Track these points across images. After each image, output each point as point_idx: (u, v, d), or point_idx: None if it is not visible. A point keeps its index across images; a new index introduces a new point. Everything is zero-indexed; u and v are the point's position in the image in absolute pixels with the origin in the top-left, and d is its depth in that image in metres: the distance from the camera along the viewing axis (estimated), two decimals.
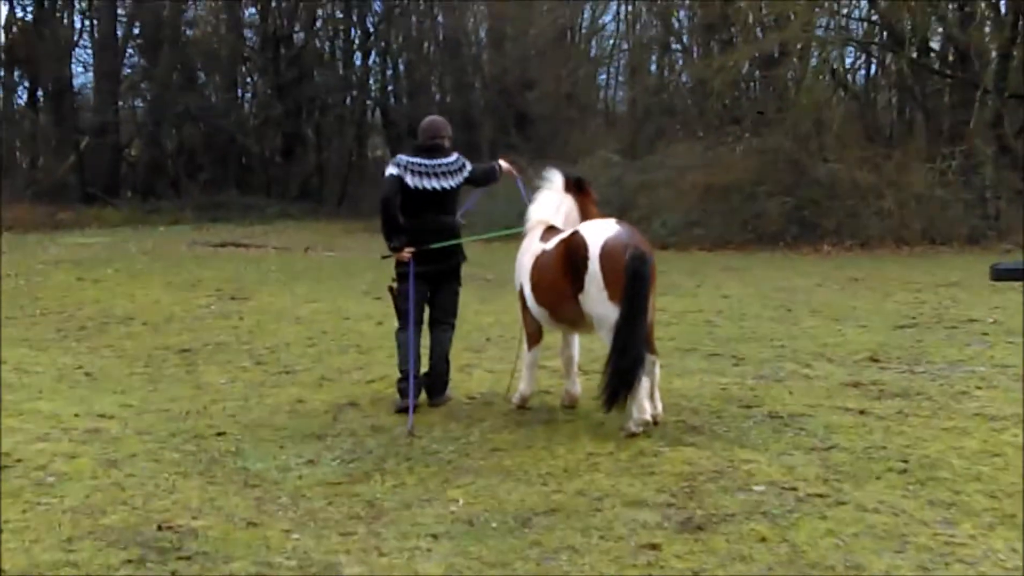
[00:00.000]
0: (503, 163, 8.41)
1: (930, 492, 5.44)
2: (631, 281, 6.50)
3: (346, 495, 5.78)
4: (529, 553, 4.84)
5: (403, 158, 7.82)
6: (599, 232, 6.78)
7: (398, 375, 7.80)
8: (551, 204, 7.71)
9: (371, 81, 41.92)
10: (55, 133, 37.26)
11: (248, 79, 42.04)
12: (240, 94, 41.66)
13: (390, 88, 41.84)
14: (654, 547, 4.81)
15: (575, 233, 6.94)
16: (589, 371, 8.12)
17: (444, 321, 7.98)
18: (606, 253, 6.64)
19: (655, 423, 6.80)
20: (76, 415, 7.55)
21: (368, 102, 41.72)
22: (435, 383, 7.90)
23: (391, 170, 7.76)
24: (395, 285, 7.97)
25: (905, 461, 5.95)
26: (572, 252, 6.85)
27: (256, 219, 31.01)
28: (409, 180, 7.68)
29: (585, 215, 7.63)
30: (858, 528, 4.92)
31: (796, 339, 10.17)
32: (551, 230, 7.48)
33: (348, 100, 41.40)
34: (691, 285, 14.64)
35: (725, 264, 17.55)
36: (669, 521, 5.13)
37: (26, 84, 39.26)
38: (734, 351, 9.57)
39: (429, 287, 7.89)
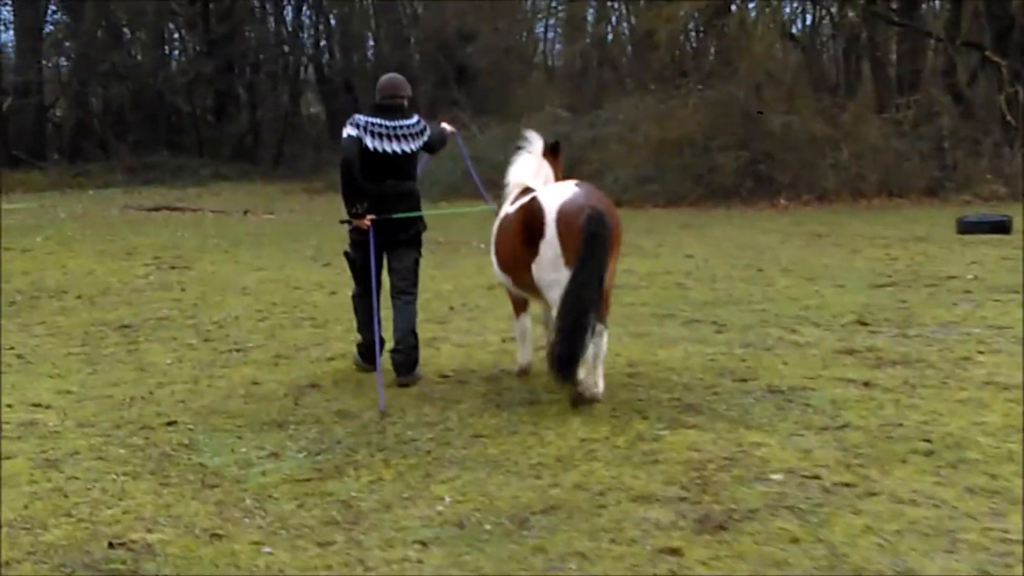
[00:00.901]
0: (445, 125, 8.05)
1: (964, 477, 4.97)
2: (587, 242, 6.16)
3: (318, 495, 5.18)
4: (533, 561, 4.30)
5: (361, 118, 7.38)
6: (555, 196, 6.48)
7: (358, 339, 7.53)
8: (530, 167, 7.37)
9: (304, 36, 40.72)
10: None
11: (176, 35, 40.64)
12: (168, 51, 40.25)
13: (323, 43, 40.66)
14: (674, 552, 4.28)
15: (532, 199, 6.63)
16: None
17: (406, 292, 7.53)
18: (562, 217, 6.33)
19: (591, 400, 6.41)
20: (9, 406, 6.83)
21: (302, 58, 40.52)
22: (404, 360, 7.37)
23: (349, 131, 7.32)
24: (350, 251, 7.60)
25: (928, 440, 5.49)
26: (529, 218, 6.54)
27: (189, 181, 29.94)
28: (368, 142, 7.27)
29: (556, 180, 7.31)
30: (899, 524, 4.43)
31: (774, 301, 9.71)
32: (526, 192, 7.07)
33: (281, 57, 40.20)
34: (651, 245, 14.15)
35: (682, 221, 17.08)
36: (684, 519, 4.61)
37: None
38: (713, 316, 9.08)
39: (388, 254, 7.53)
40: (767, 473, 5.11)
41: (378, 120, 7.33)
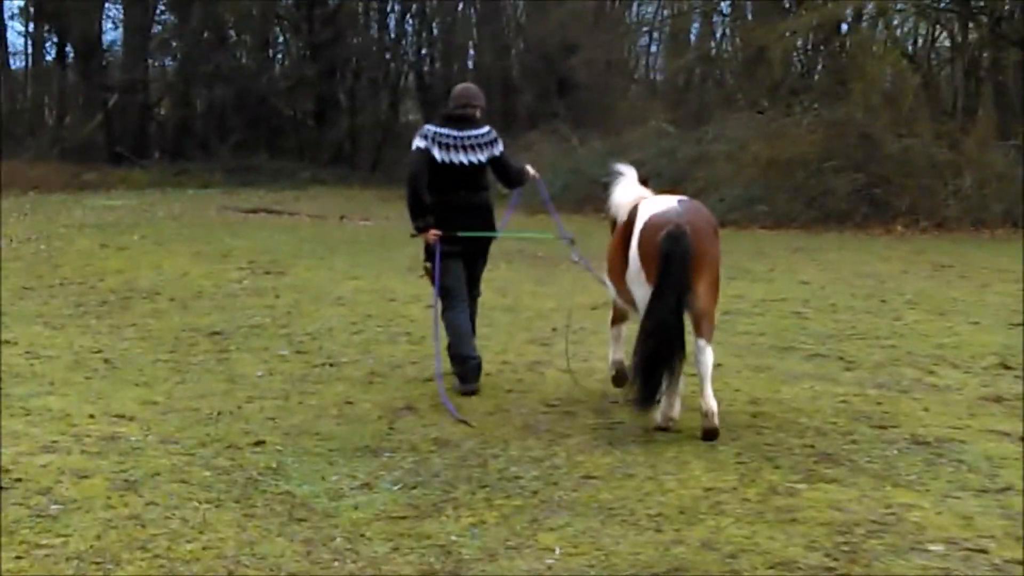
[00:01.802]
0: (528, 167, 7.81)
1: None
2: (662, 261, 5.91)
3: (414, 536, 4.69)
4: None
5: (431, 128, 7.29)
6: (651, 208, 6.27)
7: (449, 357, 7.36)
8: (635, 188, 6.99)
9: (406, 44, 40.63)
10: (83, 90, 36.21)
11: (280, 39, 40.84)
12: (272, 55, 40.46)
13: (424, 52, 40.53)
14: None
15: (634, 207, 6.46)
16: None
17: (469, 295, 7.55)
18: (646, 230, 6.11)
19: (710, 433, 6.00)
20: (91, 416, 6.48)
21: (403, 66, 40.43)
22: (467, 367, 7.27)
23: (418, 142, 7.25)
24: (428, 266, 7.46)
25: None
26: (627, 228, 6.38)
27: (287, 184, 29.84)
28: (437, 154, 7.19)
29: None
30: None
31: (904, 337, 8.98)
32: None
33: (382, 64, 40.15)
34: (763, 269, 13.44)
35: (793, 244, 16.29)
36: None
37: (54, 40, 38.19)
38: (838, 351, 8.39)
39: (465, 264, 7.44)
40: (924, 543, 4.47)
41: (446, 131, 7.23)
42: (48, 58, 38.87)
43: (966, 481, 5.25)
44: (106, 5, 37.33)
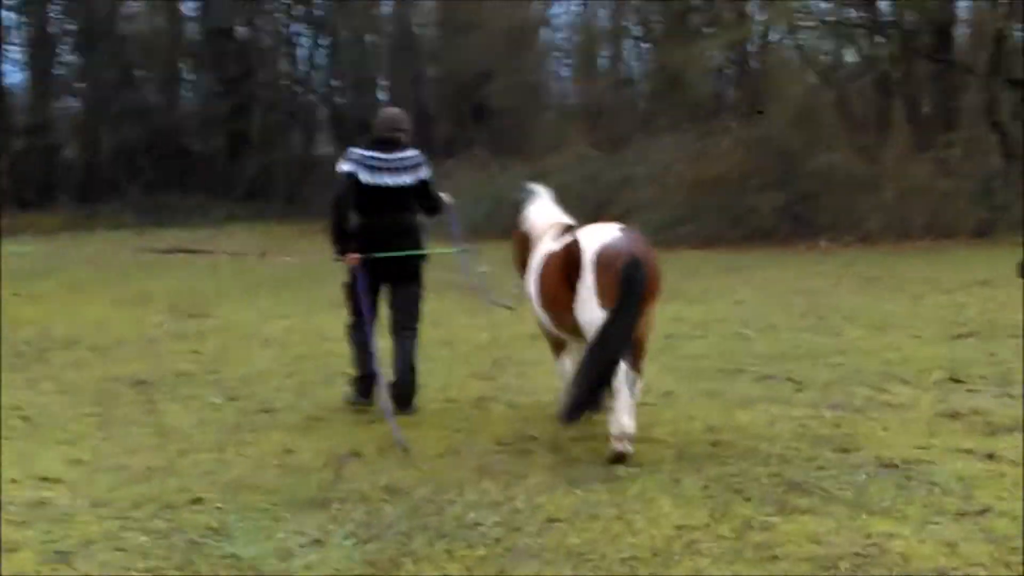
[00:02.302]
0: (444, 195, 7.89)
1: None
2: (624, 286, 6.08)
3: None
4: None
5: (357, 151, 7.43)
6: (596, 238, 6.37)
7: (354, 374, 7.60)
8: (553, 209, 7.38)
9: (314, 77, 40.19)
10: None
11: (189, 76, 40.11)
12: (179, 92, 39.70)
13: (335, 84, 40.10)
14: None
15: (574, 239, 6.50)
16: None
17: (407, 327, 7.55)
18: (601, 259, 6.22)
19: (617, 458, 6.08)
20: (13, 480, 6.03)
21: (316, 99, 39.98)
22: (403, 393, 7.44)
23: (344, 167, 7.39)
24: (348, 281, 7.58)
25: None
26: (568, 257, 6.44)
27: (202, 222, 29.19)
28: (364, 176, 7.33)
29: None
30: None
31: (848, 354, 8.89)
32: (568, 229, 6.98)
33: (294, 97, 39.65)
34: (697, 290, 13.34)
35: (723, 264, 16.26)
36: None
37: None
38: (787, 372, 8.26)
39: (387, 288, 7.56)
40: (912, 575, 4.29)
41: (373, 153, 7.37)
42: None
43: (942, 505, 5.09)
44: (6, 47, 36.33)
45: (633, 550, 4.72)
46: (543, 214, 7.31)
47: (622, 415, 6.10)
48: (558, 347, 7.19)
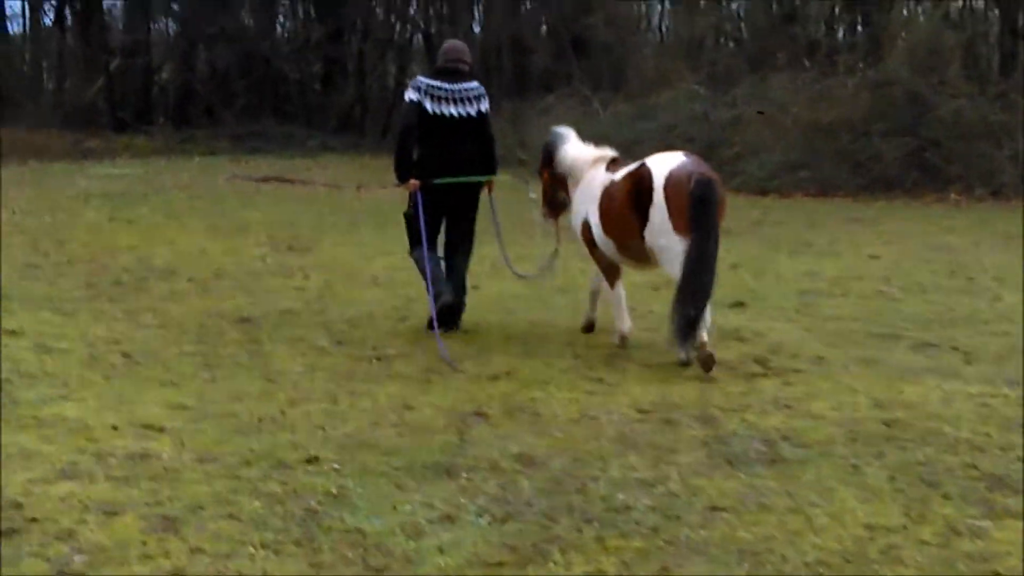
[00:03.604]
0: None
1: None
2: (697, 206, 6.44)
3: None
4: None
5: (423, 80, 7.70)
6: (664, 163, 6.74)
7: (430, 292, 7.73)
8: (590, 146, 7.79)
9: (413, 3, 39.39)
10: (83, 54, 35.04)
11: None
12: (275, 16, 39.20)
13: (430, 12, 39.24)
14: None
15: (641, 165, 6.87)
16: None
17: (460, 250, 7.93)
18: (671, 183, 6.56)
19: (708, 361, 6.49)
20: (114, 427, 5.56)
21: (409, 27, 39.22)
22: (452, 313, 7.73)
23: (411, 95, 7.64)
24: (410, 212, 7.84)
25: None
26: (637, 184, 6.78)
27: (297, 151, 28.77)
28: (429, 105, 7.57)
29: None
30: None
31: (1013, 322, 8.04)
32: (615, 162, 7.44)
33: (389, 25, 38.96)
34: (823, 241, 12.50)
35: (846, 214, 15.28)
36: None
37: (53, 2, 37.03)
38: (949, 339, 7.46)
39: (446, 216, 7.86)
40: None
41: (438, 83, 7.61)
42: (46, 21, 37.73)
43: None
44: None
45: (818, 553, 4.06)
46: (582, 151, 7.68)
47: (703, 332, 6.54)
48: (613, 275, 7.48)
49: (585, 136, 20.38)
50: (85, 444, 5.25)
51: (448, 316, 7.61)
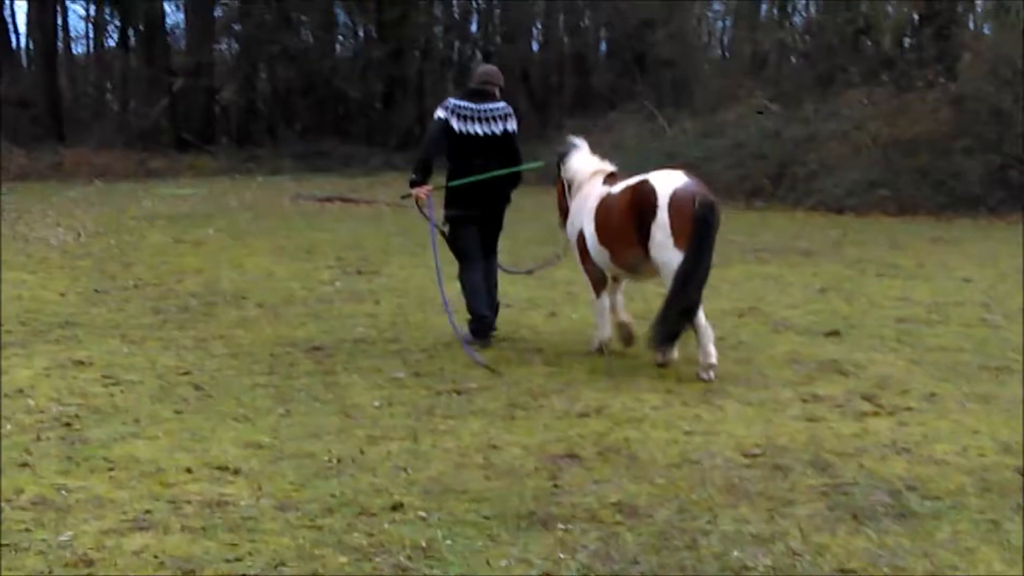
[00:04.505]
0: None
1: None
2: (698, 227, 6.73)
3: None
4: None
5: (451, 101, 8.08)
6: (669, 182, 7.01)
7: (468, 316, 8.19)
8: (595, 157, 8.05)
9: (472, 22, 39.27)
10: (146, 75, 35.30)
11: (345, 19, 39.63)
12: (337, 35, 39.28)
13: (489, 29, 39.06)
14: None
15: (644, 181, 7.14)
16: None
17: (489, 254, 8.32)
18: (675, 202, 6.85)
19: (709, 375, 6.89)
20: (188, 470, 5.25)
21: (469, 45, 39.05)
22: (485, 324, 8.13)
23: (439, 113, 8.01)
24: (445, 230, 8.29)
25: None
26: (640, 199, 7.05)
27: (359, 170, 28.69)
28: (455, 124, 7.93)
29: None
30: None
31: None
32: (612, 176, 7.76)
33: (448, 44, 38.87)
34: (910, 263, 11.99)
35: (928, 234, 14.76)
36: None
37: (117, 23, 37.42)
38: None
39: (480, 229, 8.22)
40: None
41: (465, 103, 8.00)
42: (110, 42, 38.13)
43: None
44: None
45: None
46: (586, 162, 7.97)
47: (708, 345, 6.90)
48: (599, 286, 7.83)
49: (653, 154, 20.81)
50: (159, 490, 4.95)
51: (481, 331, 8.09)
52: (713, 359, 6.89)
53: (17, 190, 23.18)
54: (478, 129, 7.96)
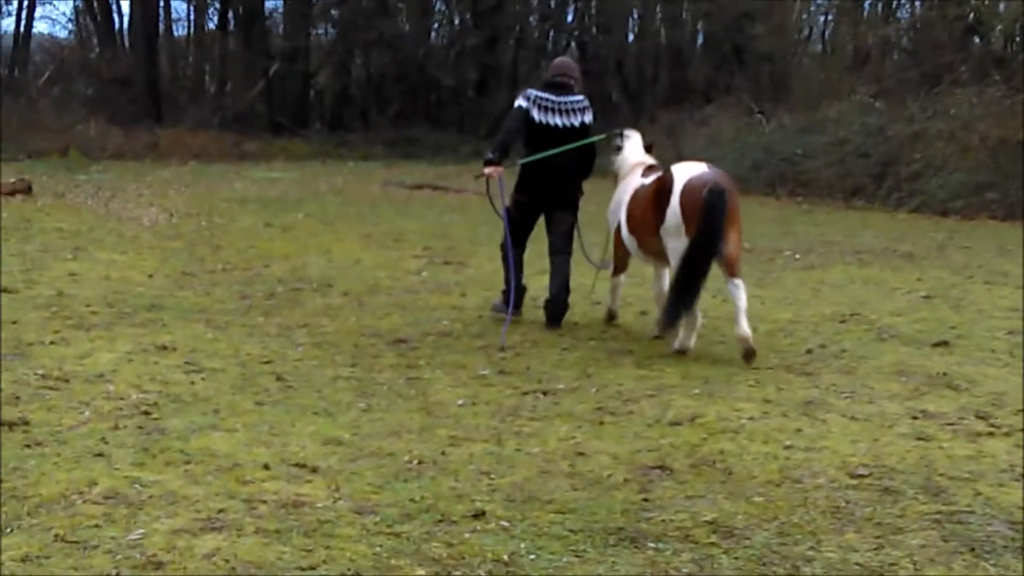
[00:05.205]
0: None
1: None
2: (705, 214, 7.01)
3: None
4: None
5: (532, 92, 8.29)
6: (686, 171, 7.38)
7: (504, 287, 8.57)
8: (641, 151, 8.44)
9: (569, 11, 38.93)
10: (244, 58, 35.64)
11: (441, 6, 39.60)
12: (433, 22, 39.25)
13: (585, 19, 38.67)
14: None
15: (667, 171, 7.57)
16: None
17: (563, 251, 8.43)
18: (687, 189, 7.19)
19: (749, 353, 7.15)
20: (265, 467, 5.08)
21: (564, 35, 38.74)
22: (555, 310, 8.31)
23: (520, 102, 8.21)
24: (512, 209, 8.48)
25: None
26: (660, 187, 7.44)
27: (449, 158, 28.61)
28: (536, 114, 8.14)
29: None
30: None
31: None
32: (651, 168, 8.13)
33: (544, 32, 38.59)
34: (1021, 272, 11.35)
35: None
36: None
37: (217, 6, 37.83)
38: None
39: (546, 217, 8.51)
40: None
41: (546, 95, 8.20)
42: (210, 25, 38.58)
43: None
44: None
45: None
46: (632, 155, 8.36)
47: (741, 319, 7.12)
48: (621, 267, 8.47)
49: (750, 149, 20.68)
50: (234, 487, 4.77)
51: (552, 314, 8.29)
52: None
53: (113, 168, 23.53)
54: (557, 121, 8.16)
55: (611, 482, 5.05)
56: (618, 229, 8.22)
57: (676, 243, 7.26)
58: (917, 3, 31.44)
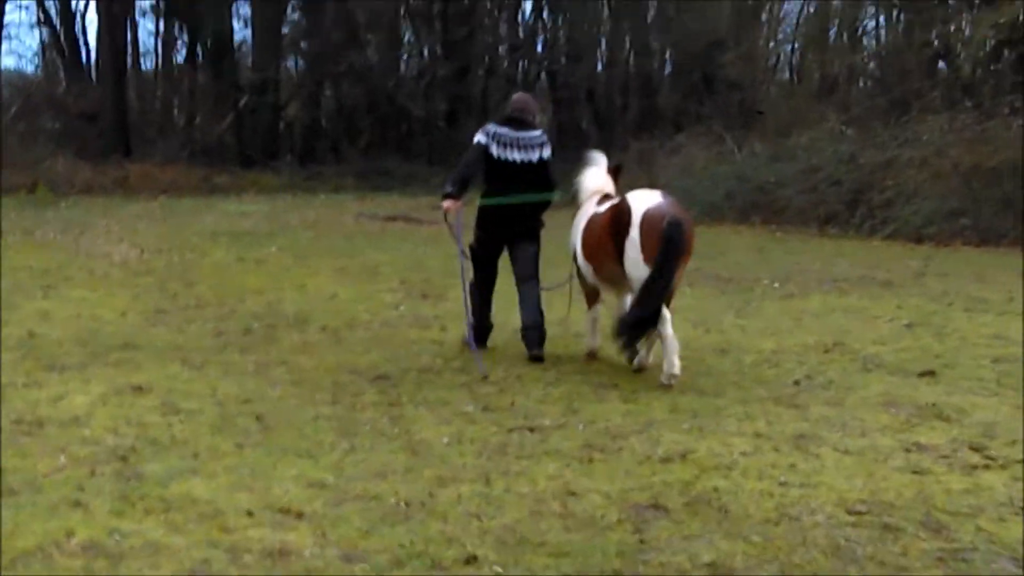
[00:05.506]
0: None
1: None
2: (664, 245, 7.17)
3: None
4: None
5: (491, 127, 8.36)
6: (643, 201, 7.50)
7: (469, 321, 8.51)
8: (601, 178, 8.50)
9: (539, 41, 39.04)
10: (213, 91, 35.48)
11: (411, 37, 39.58)
12: (402, 53, 39.23)
13: (554, 50, 38.78)
14: None
15: (623, 200, 7.66)
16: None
17: (531, 276, 8.47)
18: (647, 220, 7.32)
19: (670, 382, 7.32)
20: (249, 514, 4.92)
21: (534, 65, 38.81)
22: (533, 335, 8.26)
23: (479, 137, 8.30)
24: (474, 246, 8.59)
25: None
26: (617, 216, 7.54)
27: (420, 189, 28.48)
28: (495, 150, 8.20)
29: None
30: None
31: None
32: (607, 197, 8.25)
33: (515, 62, 38.65)
34: (999, 298, 11.39)
35: (1015, 267, 14.02)
36: None
37: (185, 39, 37.67)
38: None
39: (509, 247, 8.53)
40: None
41: (504, 130, 8.26)
42: (178, 58, 38.42)
43: None
44: (236, 4, 36.58)
45: None
46: (592, 181, 8.47)
47: (673, 357, 7.29)
48: (592, 298, 8.44)
49: (722, 177, 20.95)
50: (217, 535, 4.62)
51: (531, 340, 8.24)
52: (676, 370, 7.30)
53: (82, 203, 23.28)
54: (516, 156, 8.23)
55: (604, 523, 4.93)
56: (575, 259, 8.35)
57: (638, 273, 7.39)
58: (883, 31, 31.82)
